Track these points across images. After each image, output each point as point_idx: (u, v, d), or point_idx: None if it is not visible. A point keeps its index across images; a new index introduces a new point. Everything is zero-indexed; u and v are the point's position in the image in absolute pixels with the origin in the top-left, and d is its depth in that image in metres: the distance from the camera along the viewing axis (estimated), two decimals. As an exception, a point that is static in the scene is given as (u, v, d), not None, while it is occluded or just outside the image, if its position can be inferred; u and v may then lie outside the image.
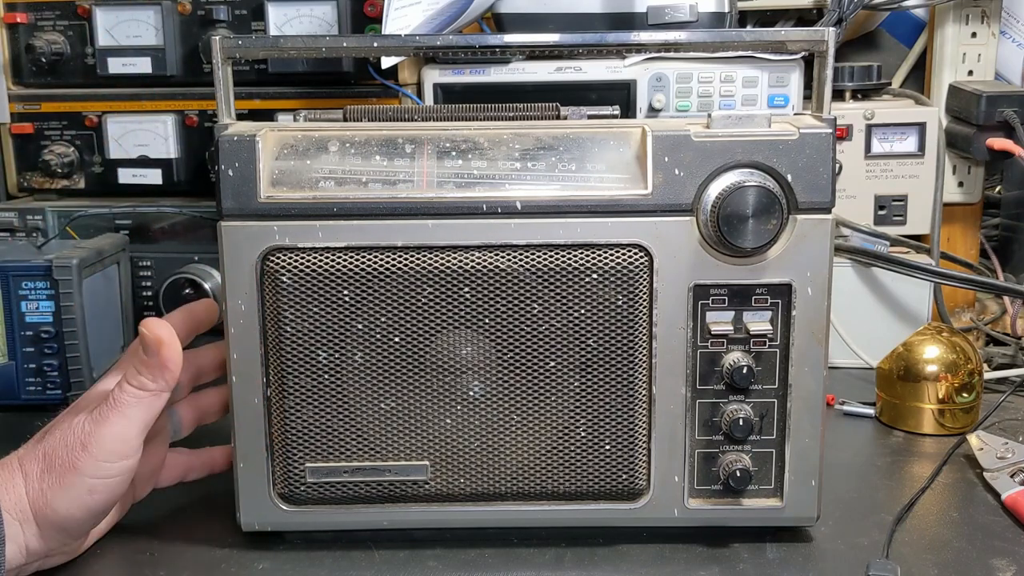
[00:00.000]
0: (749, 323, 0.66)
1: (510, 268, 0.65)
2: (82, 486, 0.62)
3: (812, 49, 0.67)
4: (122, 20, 1.08)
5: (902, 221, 1.11)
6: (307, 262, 0.65)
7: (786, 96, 1.03)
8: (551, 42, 0.70)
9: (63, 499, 0.62)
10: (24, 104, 1.11)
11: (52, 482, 0.62)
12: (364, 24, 1.04)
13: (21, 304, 0.93)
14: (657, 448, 0.67)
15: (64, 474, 0.62)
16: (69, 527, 0.63)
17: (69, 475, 0.62)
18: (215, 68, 0.67)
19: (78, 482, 0.62)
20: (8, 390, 0.94)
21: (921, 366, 0.88)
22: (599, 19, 1.03)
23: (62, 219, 1.07)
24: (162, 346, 0.64)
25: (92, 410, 0.64)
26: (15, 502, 0.62)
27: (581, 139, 0.67)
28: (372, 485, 0.68)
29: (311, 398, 0.66)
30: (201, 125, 1.09)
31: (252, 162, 0.65)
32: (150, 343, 0.64)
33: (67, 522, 0.63)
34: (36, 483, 0.62)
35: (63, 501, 0.62)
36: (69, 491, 0.62)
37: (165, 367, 0.64)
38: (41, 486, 0.62)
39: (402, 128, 0.68)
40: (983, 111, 1.08)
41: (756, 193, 0.63)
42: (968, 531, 0.70)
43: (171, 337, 0.65)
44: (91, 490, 0.62)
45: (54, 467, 0.62)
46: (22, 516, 0.62)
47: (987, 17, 1.14)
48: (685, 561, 0.67)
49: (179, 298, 1.01)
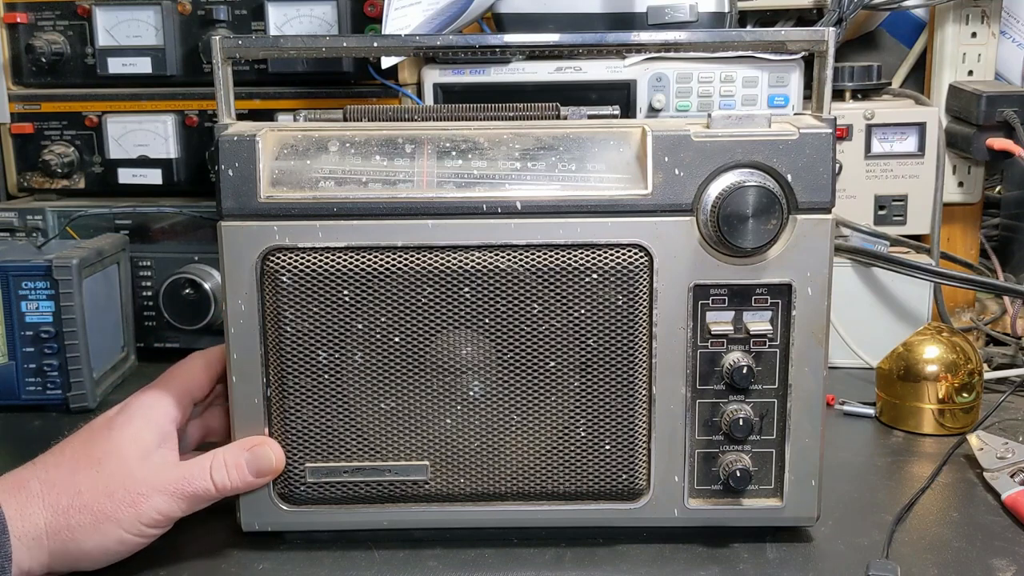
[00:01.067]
0: (749, 323, 0.66)
1: (510, 268, 0.65)
2: (115, 536, 0.63)
3: (812, 49, 0.67)
4: (122, 20, 1.08)
5: (902, 221, 1.11)
6: (307, 262, 0.65)
7: (786, 96, 1.03)
8: (551, 42, 0.70)
9: (92, 541, 0.62)
10: (24, 104, 1.11)
11: (84, 522, 0.62)
12: (364, 24, 1.04)
13: (21, 304, 0.93)
14: (657, 448, 0.67)
15: (101, 520, 0.62)
16: (82, 562, 0.63)
17: (107, 524, 0.62)
18: (215, 68, 0.67)
19: (113, 532, 0.63)
20: (8, 390, 0.94)
21: (921, 366, 0.88)
22: (599, 19, 1.03)
23: (62, 219, 1.07)
24: (272, 476, 0.67)
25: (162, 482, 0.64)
26: (28, 530, 0.61)
27: (581, 139, 0.67)
28: (372, 485, 0.68)
29: (311, 398, 0.66)
30: (201, 125, 1.09)
31: (252, 162, 0.65)
32: (267, 472, 0.66)
33: (85, 560, 0.63)
34: (63, 517, 0.62)
35: (91, 543, 0.62)
36: (99, 535, 0.62)
37: (255, 486, 0.67)
38: (69, 521, 0.62)
39: (402, 128, 0.68)
40: (983, 111, 1.08)
41: (756, 193, 0.63)
42: (968, 531, 0.70)
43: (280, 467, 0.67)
44: (121, 542, 0.63)
45: (90, 509, 0.62)
46: (33, 544, 0.61)
47: (987, 17, 1.15)
48: (685, 561, 0.67)
49: (179, 298, 1.01)
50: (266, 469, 0.66)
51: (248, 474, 0.66)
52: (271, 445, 0.67)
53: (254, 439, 0.67)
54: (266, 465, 0.66)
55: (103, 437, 0.65)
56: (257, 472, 0.66)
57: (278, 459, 0.67)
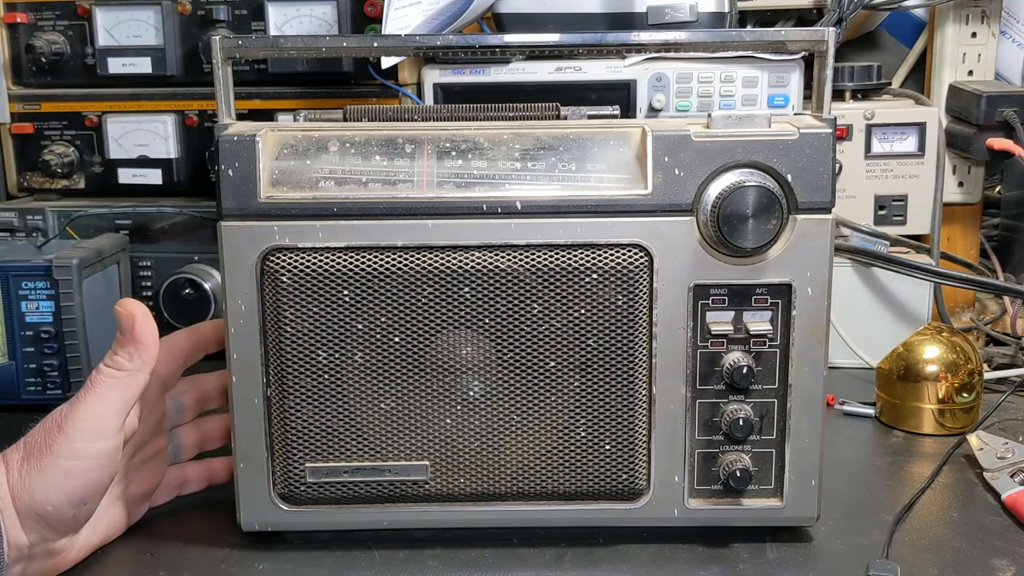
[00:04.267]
0: (749, 323, 0.66)
1: (510, 268, 0.65)
2: (57, 469, 0.61)
3: (812, 49, 0.67)
4: (122, 20, 1.08)
5: (902, 221, 1.11)
6: (307, 262, 0.65)
7: (786, 96, 1.03)
8: (551, 42, 0.70)
9: (39, 483, 0.61)
10: (24, 104, 1.11)
11: (30, 467, 0.62)
12: (364, 24, 1.04)
13: (21, 304, 0.93)
14: (657, 448, 0.67)
15: (40, 457, 0.62)
16: (46, 514, 0.62)
17: (45, 458, 0.61)
18: (215, 68, 0.67)
19: (53, 464, 0.61)
20: (8, 390, 0.94)
21: (921, 366, 0.88)
22: (599, 19, 1.03)
23: (62, 219, 1.07)
24: (135, 322, 0.64)
25: (76, 395, 0.63)
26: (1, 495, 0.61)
27: (581, 139, 0.67)
28: (372, 485, 0.68)
29: (311, 398, 0.66)
30: (201, 125, 1.09)
31: (252, 162, 0.65)
32: (124, 320, 0.64)
33: (43, 507, 0.62)
34: (16, 471, 0.62)
35: (39, 485, 0.61)
36: (44, 474, 0.61)
37: (140, 343, 0.64)
38: (20, 473, 0.62)
39: (402, 128, 0.68)
40: (983, 111, 1.08)
41: (756, 193, 0.63)
42: (968, 531, 0.70)
43: (144, 315, 0.65)
44: (66, 472, 0.62)
45: (32, 453, 0.62)
46: (8, 511, 0.61)
47: (987, 17, 1.15)
48: (685, 561, 0.67)
49: (179, 298, 1.01)
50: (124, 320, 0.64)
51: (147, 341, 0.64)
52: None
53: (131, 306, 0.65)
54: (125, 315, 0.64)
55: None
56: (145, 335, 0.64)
57: None
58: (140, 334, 0.64)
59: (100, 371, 0.64)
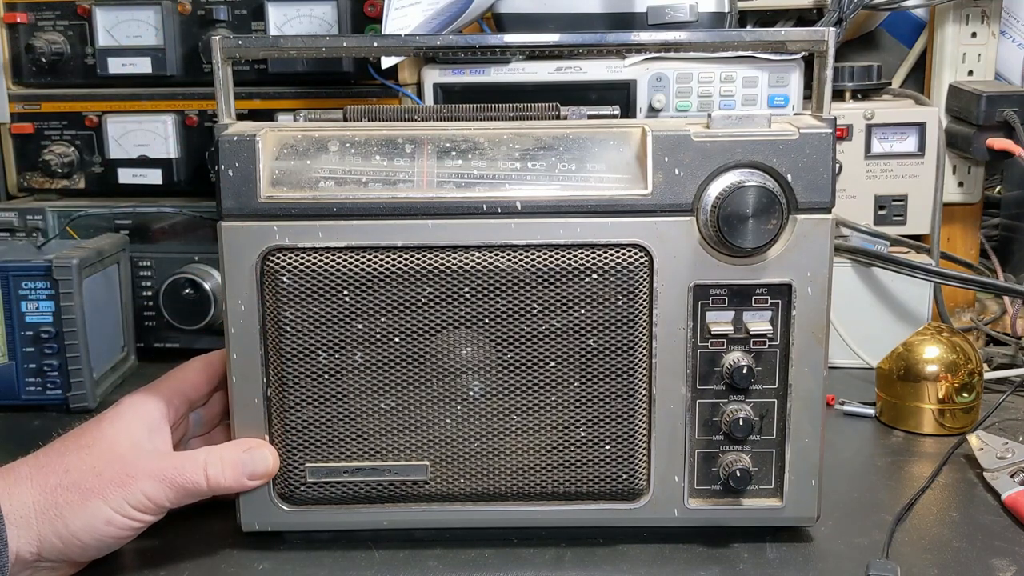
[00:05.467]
0: (749, 323, 0.66)
1: (510, 268, 0.65)
2: (103, 516, 0.62)
3: (812, 49, 0.67)
4: (122, 20, 1.08)
5: (902, 221, 1.11)
6: (307, 262, 0.65)
7: (786, 96, 1.03)
8: (551, 42, 0.70)
9: (80, 519, 0.62)
10: (24, 104, 1.11)
11: (72, 500, 0.62)
12: (364, 24, 1.04)
13: (21, 304, 0.93)
14: (657, 448, 0.67)
15: (89, 497, 0.62)
16: (72, 546, 0.62)
17: (94, 501, 0.62)
18: (215, 68, 0.67)
19: (100, 511, 0.62)
20: (8, 390, 0.94)
21: (921, 366, 0.88)
22: (599, 19, 1.03)
23: (62, 219, 1.07)
24: (265, 479, 0.67)
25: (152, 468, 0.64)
26: (16, 509, 0.61)
27: (581, 139, 0.67)
28: (372, 485, 0.68)
29: (311, 398, 0.66)
30: (201, 125, 1.09)
31: (252, 162, 0.65)
32: (261, 475, 0.66)
33: (73, 540, 0.62)
34: (51, 496, 0.62)
35: (79, 520, 0.62)
36: (88, 511, 0.62)
37: (247, 488, 0.67)
38: (57, 500, 0.62)
39: (402, 128, 0.68)
40: (983, 111, 1.08)
41: (756, 193, 0.63)
42: (968, 531, 0.70)
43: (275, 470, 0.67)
44: (109, 522, 0.62)
45: (79, 487, 0.62)
46: (21, 523, 0.61)
47: (987, 17, 1.15)
48: (685, 561, 0.67)
49: (179, 298, 1.01)
50: (261, 472, 0.66)
51: (242, 474, 0.65)
52: (268, 448, 0.67)
53: (252, 440, 0.67)
54: (261, 468, 0.66)
55: (93, 427, 0.66)
56: (251, 474, 0.66)
57: (274, 463, 0.67)
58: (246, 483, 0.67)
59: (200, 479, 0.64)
